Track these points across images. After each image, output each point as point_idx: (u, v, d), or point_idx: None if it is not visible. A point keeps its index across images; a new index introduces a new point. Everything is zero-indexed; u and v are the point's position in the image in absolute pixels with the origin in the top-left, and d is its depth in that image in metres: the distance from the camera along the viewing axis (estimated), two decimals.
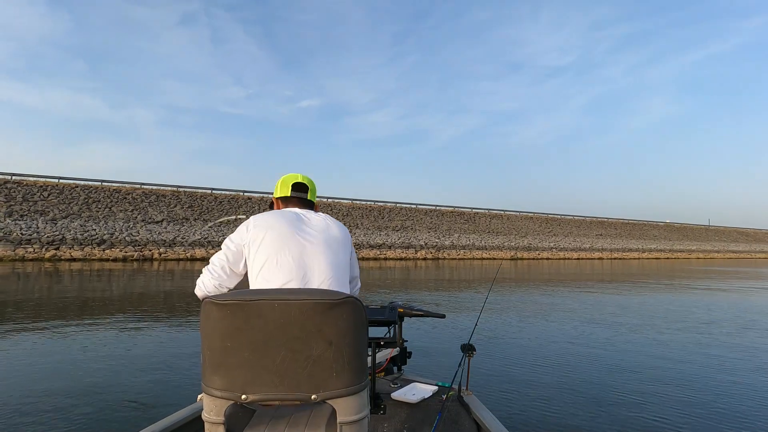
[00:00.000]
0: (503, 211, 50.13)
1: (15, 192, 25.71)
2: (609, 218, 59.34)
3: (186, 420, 1.94)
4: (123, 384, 4.02)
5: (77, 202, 26.83)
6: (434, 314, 2.17)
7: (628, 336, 6.67)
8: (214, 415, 1.19)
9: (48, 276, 14.22)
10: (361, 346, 1.23)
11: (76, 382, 4.06)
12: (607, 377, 4.54)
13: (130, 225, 26.51)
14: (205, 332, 1.19)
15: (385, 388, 2.53)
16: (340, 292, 1.22)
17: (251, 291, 1.20)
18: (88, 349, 5.24)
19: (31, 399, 3.62)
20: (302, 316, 1.15)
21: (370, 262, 27.69)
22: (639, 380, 4.46)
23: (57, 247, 22.45)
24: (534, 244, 44.20)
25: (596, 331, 7.02)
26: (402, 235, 37.35)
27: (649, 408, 3.70)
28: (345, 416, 1.19)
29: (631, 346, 5.99)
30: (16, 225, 23.11)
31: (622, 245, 51.68)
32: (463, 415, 2.23)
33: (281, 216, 1.71)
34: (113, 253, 23.22)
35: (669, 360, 5.31)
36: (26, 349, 5.18)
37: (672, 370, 4.85)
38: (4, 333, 5.96)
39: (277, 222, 1.67)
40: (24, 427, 3.09)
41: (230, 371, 1.16)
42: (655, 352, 5.72)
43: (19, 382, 4.01)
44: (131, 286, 12.20)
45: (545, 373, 4.66)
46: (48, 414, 3.32)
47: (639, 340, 6.41)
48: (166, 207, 29.54)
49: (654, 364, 5.09)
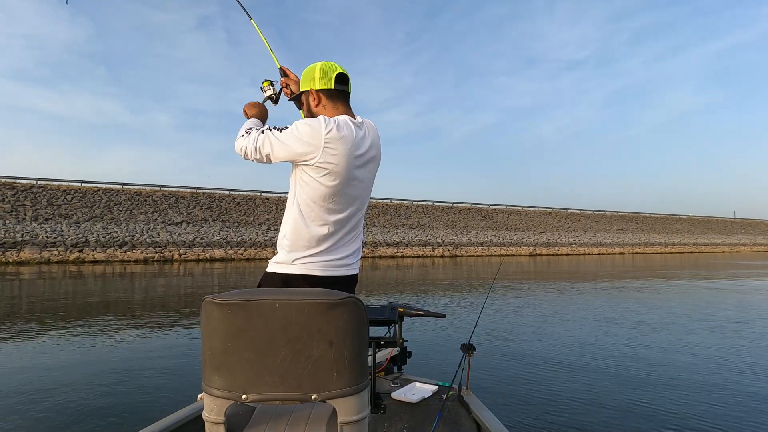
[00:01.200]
0: (521, 207, 49.58)
1: (40, 196, 26.35)
2: (630, 212, 58.21)
3: (186, 420, 1.95)
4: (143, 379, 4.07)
5: (99, 205, 27.38)
6: (434, 314, 2.16)
7: (653, 337, 6.50)
8: (214, 414, 1.19)
9: (72, 278, 14.53)
10: (361, 345, 1.22)
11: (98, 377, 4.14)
12: (618, 381, 4.44)
13: (150, 227, 26.96)
14: (205, 332, 1.19)
15: (386, 387, 2.53)
16: (340, 293, 1.20)
17: (252, 291, 1.19)
18: (114, 345, 5.32)
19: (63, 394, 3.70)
20: (303, 316, 1.15)
21: (387, 260, 27.67)
22: (657, 382, 4.34)
23: (80, 249, 22.96)
24: (553, 240, 43.66)
25: (615, 330, 6.87)
26: (419, 233, 37.24)
27: (663, 413, 3.59)
28: (345, 416, 1.19)
29: (651, 348, 5.84)
30: (42, 228, 23.70)
31: (644, 239, 50.71)
32: (463, 414, 2.23)
33: (352, 132, 1.56)
34: (135, 254, 23.66)
35: (690, 363, 5.15)
36: (59, 347, 5.28)
37: (691, 373, 4.70)
38: (39, 332, 6.10)
39: (352, 142, 1.54)
40: (53, 416, 3.16)
41: (231, 371, 1.16)
42: (677, 353, 5.56)
43: (53, 378, 4.10)
44: (152, 286, 12.39)
45: (556, 373, 4.57)
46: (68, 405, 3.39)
47: (663, 340, 6.25)
48: (186, 208, 29.96)
49: (674, 366, 4.95)
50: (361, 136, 1.60)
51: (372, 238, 33.73)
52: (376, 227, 35.99)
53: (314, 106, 1.68)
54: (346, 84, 1.67)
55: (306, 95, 1.70)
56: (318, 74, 1.65)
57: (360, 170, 1.60)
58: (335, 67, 1.67)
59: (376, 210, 38.52)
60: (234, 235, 28.39)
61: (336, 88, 1.64)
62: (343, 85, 1.66)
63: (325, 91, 1.65)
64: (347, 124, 1.57)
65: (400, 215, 39.34)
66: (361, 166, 1.60)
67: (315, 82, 1.65)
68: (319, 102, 1.67)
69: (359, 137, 1.58)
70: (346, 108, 1.67)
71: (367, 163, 1.63)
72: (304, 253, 1.57)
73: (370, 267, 21.62)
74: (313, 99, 1.67)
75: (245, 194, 34.93)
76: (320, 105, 1.67)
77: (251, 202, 33.91)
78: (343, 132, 1.53)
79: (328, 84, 1.64)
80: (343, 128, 1.54)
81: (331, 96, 1.65)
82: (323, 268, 1.58)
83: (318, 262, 1.58)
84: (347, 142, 1.53)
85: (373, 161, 1.67)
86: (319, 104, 1.67)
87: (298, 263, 1.57)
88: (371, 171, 1.67)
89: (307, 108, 1.72)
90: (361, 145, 1.59)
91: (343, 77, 1.66)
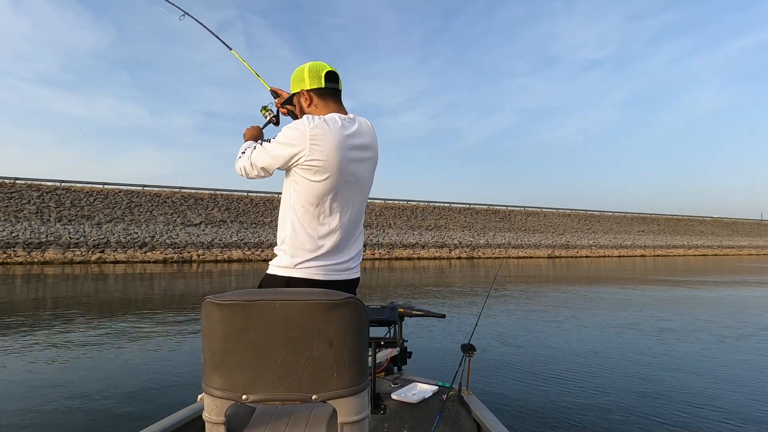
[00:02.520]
0: (539, 209, 49.03)
1: (64, 198, 26.96)
2: (651, 214, 57.08)
3: (186, 420, 1.95)
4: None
5: (120, 207, 27.89)
6: (434, 314, 2.16)
7: (677, 346, 6.31)
8: (214, 415, 1.19)
9: (95, 278, 14.80)
10: (361, 346, 1.22)
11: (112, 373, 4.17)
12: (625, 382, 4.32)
13: (170, 228, 27.36)
14: (205, 332, 1.18)
15: (386, 388, 2.54)
16: (340, 293, 1.19)
17: (252, 291, 1.19)
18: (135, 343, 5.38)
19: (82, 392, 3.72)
20: (303, 317, 1.15)
21: (404, 262, 27.59)
22: (664, 388, 4.19)
23: (102, 250, 23.40)
24: (572, 242, 43.04)
25: (631, 336, 6.69)
26: (435, 235, 37.07)
27: (670, 416, 3.47)
28: (346, 416, 1.19)
29: (666, 356, 5.66)
30: (65, 229, 24.23)
31: (666, 242, 49.66)
32: (463, 415, 2.24)
33: (341, 127, 1.54)
34: (154, 255, 24.02)
35: (715, 375, 4.96)
36: (74, 344, 5.36)
37: (712, 383, 4.53)
38: (62, 329, 6.20)
39: (340, 137, 1.52)
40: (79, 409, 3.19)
41: (231, 371, 1.16)
42: (701, 361, 5.38)
43: (71, 377, 4.14)
44: (172, 287, 12.54)
45: (568, 387, 4.45)
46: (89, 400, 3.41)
47: (683, 348, 6.05)
48: (204, 210, 30.34)
49: (689, 373, 4.78)
50: (353, 131, 1.58)
51: (388, 239, 33.68)
52: (393, 229, 35.93)
53: (306, 106, 1.68)
54: (337, 81, 1.67)
55: (297, 97, 1.71)
56: (307, 74, 1.65)
57: (354, 166, 1.57)
58: (324, 66, 1.67)
59: (393, 211, 38.46)
60: (252, 236, 28.64)
61: (327, 86, 1.64)
62: (334, 83, 1.66)
63: (316, 91, 1.65)
64: (334, 120, 1.56)
65: (417, 217, 39.22)
66: (356, 161, 1.58)
67: (305, 82, 1.66)
68: (311, 102, 1.67)
69: (349, 132, 1.57)
70: (337, 106, 1.66)
71: (363, 160, 1.61)
72: (306, 257, 1.55)
73: (387, 268, 21.58)
74: (305, 99, 1.67)
75: (263, 196, 35.23)
76: (312, 105, 1.67)
77: (269, 204, 34.18)
78: (329, 127, 1.52)
79: (318, 83, 1.64)
80: (330, 123, 1.53)
81: (322, 95, 1.65)
82: (325, 273, 1.57)
83: (320, 267, 1.57)
84: (335, 137, 1.51)
85: (369, 159, 1.64)
86: (311, 104, 1.67)
87: (300, 267, 1.56)
88: (367, 169, 1.64)
89: (299, 109, 1.72)
90: (353, 140, 1.57)
91: (333, 75, 1.66)
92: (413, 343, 5.48)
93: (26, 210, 24.93)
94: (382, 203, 39.48)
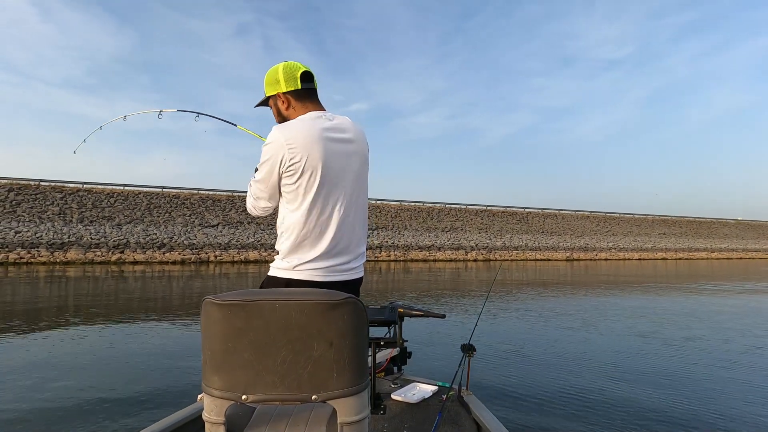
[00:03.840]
0: (558, 211, 48.36)
1: (86, 199, 27.50)
2: (673, 216, 55.87)
3: (186, 420, 1.96)
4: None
5: (140, 208, 28.34)
6: (434, 314, 2.16)
7: (695, 355, 6.11)
8: (214, 415, 1.20)
9: (114, 278, 15.03)
10: (361, 346, 1.22)
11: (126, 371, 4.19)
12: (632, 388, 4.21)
13: (188, 229, 27.70)
14: (205, 332, 1.18)
15: (386, 388, 2.56)
16: (340, 293, 1.18)
17: (252, 291, 1.18)
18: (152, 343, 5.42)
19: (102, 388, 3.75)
20: (303, 317, 1.14)
21: (419, 264, 27.47)
22: (672, 388, 4.03)
23: (122, 250, 23.79)
24: (591, 244, 42.37)
25: (637, 341, 6.50)
26: (451, 237, 36.85)
27: (676, 417, 3.38)
28: (345, 416, 1.19)
29: (675, 360, 5.48)
30: (87, 230, 24.71)
31: (688, 244, 48.55)
32: (463, 415, 2.25)
33: (315, 123, 1.53)
34: (172, 256, 24.33)
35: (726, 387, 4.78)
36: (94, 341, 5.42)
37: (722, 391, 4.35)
38: (85, 327, 6.29)
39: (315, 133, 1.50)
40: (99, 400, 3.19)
41: (231, 371, 1.16)
42: (717, 367, 5.18)
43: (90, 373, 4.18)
44: (189, 287, 12.67)
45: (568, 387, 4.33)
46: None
47: (696, 354, 5.86)
48: (222, 211, 30.64)
49: (702, 380, 4.61)
50: (331, 125, 1.55)
51: (404, 241, 33.59)
52: (408, 231, 35.83)
53: (284, 109, 1.65)
54: (312, 81, 1.64)
55: (273, 100, 1.66)
56: (282, 76, 1.61)
57: (338, 160, 1.53)
58: (298, 66, 1.63)
59: (408, 213, 38.36)
60: (268, 238, 28.82)
61: (303, 87, 1.61)
62: (310, 83, 1.63)
63: (292, 93, 1.62)
64: (310, 116, 1.55)
65: (433, 218, 39.05)
66: (340, 155, 1.54)
67: (281, 84, 1.62)
68: (288, 104, 1.63)
69: (327, 126, 1.54)
70: (315, 105, 1.63)
71: (349, 154, 1.57)
72: (303, 260, 1.54)
73: (402, 270, 21.51)
74: (282, 102, 1.64)
75: None
76: (290, 107, 1.64)
77: None
78: (302, 125, 1.51)
79: (294, 84, 1.61)
80: (304, 121, 1.53)
81: (299, 96, 1.62)
82: (325, 274, 1.55)
83: (319, 268, 1.55)
84: (309, 132, 1.49)
85: (355, 153, 1.60)
86: (288, 107, 1.64)
87: (299, 269, 1.54)
88: (355, 164, 1.60)
89: (277, 112, 1.68)
90: (331, 133, 1.54)
91: (308, 75, 1.63)
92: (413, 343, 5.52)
93: (50, 211, 25.49)
94: (397, 205, 39.39)
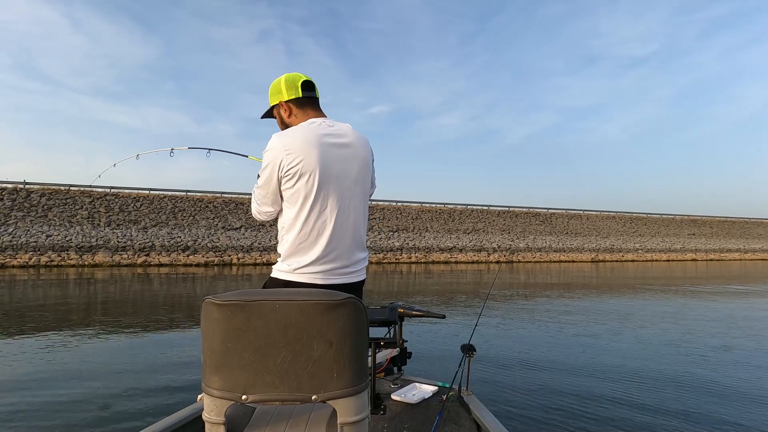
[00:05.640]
0: (582, 211, 47.43)
1: (113, 203, 28.16)
2: (703, 216, 54.21)
3: (186, 420, 1.97)
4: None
5: (165, 212, 28.87)
6: (434, 314, 2.14)
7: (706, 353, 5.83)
8: (214, 415, 1.20)
9: (140, 281, 15.31)
10: (361, 346, 1.22)
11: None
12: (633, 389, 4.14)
13: (211, 232, 28.09)
14: (205, 332, 1.18)
15: (386, 388, 2.58)
16: (341, 293, 1.18)
17: (252, 291, 1.18)
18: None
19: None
20: (303, 317, 1.14)
21: (441, 266, 27.27)
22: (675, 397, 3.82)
23: (147, 253, 24.26)
24: (617, 246, 41.41)
25: (638, 343, 6.24)
26: (473, 238, 36.49)
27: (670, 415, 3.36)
28: (345, 417, 1.19)
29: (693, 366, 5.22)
30: (114, 234, 25.28)
31: (720, 245, 47.03)
32: (463, 415, 2.25)
33: (315, 128, 1.58)
34: (196, 258, 24.70)
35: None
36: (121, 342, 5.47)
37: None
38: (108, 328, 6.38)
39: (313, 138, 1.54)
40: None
41: (231, 372, 1.16)
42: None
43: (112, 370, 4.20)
44: (214, 288, 12.80)
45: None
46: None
47: (719, 356, 5.58)
48: (244, 214, 30.98)
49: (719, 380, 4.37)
50: (329, 131, 1.59)
51: (425, 243, 33.40)
52: (429, 232, 35.62)
53: (287, 117, 1.70)
54: (313, 90, 1.70)
55: (276, 109, 1.73)
56: (284, 86, 1.68)
57: (336, 164, 1.56)
58: (299, 76, 1.70)
59: (429, 215, 38.15)
60: None
61: (304, 95, 1.68)
62: (310, 92, 1.69)
63: (294, 101, 1.68)
64: (309, 122, 1.60)
65: (454, 220, 38.74)
66: (337, 160, 1.57)
67: (283, 94, 1.68)
68: (290, 112, 1.69)
69: (325, 131, 1.58)
70: (315, 113, 1.69)
71: (346, 158, 1.59)
72: (302, 263, 1.55)
73: (423, 272, 21.36)
74: (284, 110, 1.70)
75: None
76: (292, 115, 1.69)
77: None
78: (300, 130, 1.56)
79: (295, 93, 1.67)
80: (302, 126, 1.58)
81: (300, 104, 1.68)
82: (325, 277, 1.56)
83: (318, 272, 1.56)
84: (307, 136, 1.54)
85: (354, 158, 1.62)
86: (291, 114, 1.69)
87: (299, 272, 1.55)
88: (353, 167, 1.61)
89: (280, 121, 1.75)
90: (329, 138, 1.58)
91: (309, 84, 1.70)
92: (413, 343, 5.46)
93: (79, 215, 26.17)
94: (418, 206, 39.21)
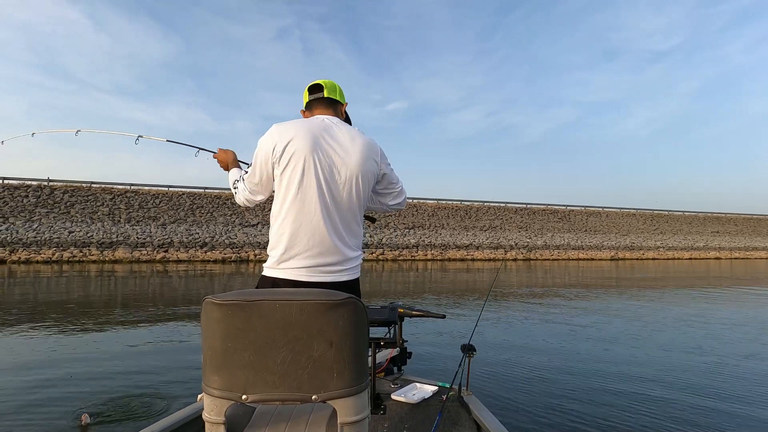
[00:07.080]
0: (602, 208, 46.63)
1: (133, 200, 28.60)
2: (727, 213, 52.85)
3: (186, 420, 1.98)
4: None
5: (183, 208, 29.22)
6: (434, 315, 2.16)
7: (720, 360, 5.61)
8: (214, 415, 1.20)
9: (160, 276, 15.49)
10: (361, 346, 1.22)
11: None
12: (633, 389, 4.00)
13: (228, 228, 28.35)
14: (205, 332, 1.18)
15: (386, 388, 2.58)
16: (341, 293, 1.18)
17: (252, 291, 1.18)
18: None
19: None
20: (303, 317, 1.14)
21: (457, 263, 27.08)
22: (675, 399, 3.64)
23: (166, 249, 24.58)
24: (637, 243, 40.65)
25: (641, 344, 6.02)
26: (490, 235, 36.17)
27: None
28: (345, 417, 1.19)
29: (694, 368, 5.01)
30: (133, 230, 25.68)
31: (745, 243, 45.83)
32: (463, 415, 2.25)
33: (312, 121, 1.66)
34: (214, 255, 24.95)
35: None
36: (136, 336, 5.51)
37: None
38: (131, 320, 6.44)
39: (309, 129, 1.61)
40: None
41: (231, 371, 1.16)
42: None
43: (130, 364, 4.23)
44: (231, 285, 12.89)
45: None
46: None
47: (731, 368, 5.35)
48: (261, 211, 31.19)
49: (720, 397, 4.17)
50: (326, 126, 1.66)
51: (441, 240, 33.22)
52: (446, 229, 35.40)
53: None
54: (320, 90, 1.80)
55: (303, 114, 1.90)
56: (304, 95, 1.86)
57: (326, 158, 1.60)
58: (314, 82, 1.83)
59: (446, 212, 37.92)
60: None
61: (310, 98, 1.81)
62: (316, 93, 1.80)
63: (307, 105, 1.84)
64: (309, 119, 1.68)
65: (471, 217, 38.45)
66: (328, 154, 1.61)
67: (303, 101, 1.87)
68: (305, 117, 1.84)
69: (322, 125, 1.65)
70: (321, 110, 1.79)
71: (338, 155, 1.62)
72: (288, 257, 1.58)
73: (439, 269, 21.23)
74: (304, 115, 1.87)
75: None
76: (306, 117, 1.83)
77: None
78: (294, 122, 1.64)
79: (306, 99, 1.84)
80: (297, 120, 1.66)
81: (309, 106, 1.83)
82: (309, 273, 1.58)
83: (302, 267, 1.57)
84: (301, 125, 1.62)
85: (348, 156, 1.64)
86: None
87: (284, 267, 1.59)
88: (347, 167, 1.63)
89: None
90: (324, 131, 1.63)
91: (316, 86, 1.81)
92: (413, 343, 5.41)
93: (100, 212, 26.64)
94: (435, 203, 39.01)
